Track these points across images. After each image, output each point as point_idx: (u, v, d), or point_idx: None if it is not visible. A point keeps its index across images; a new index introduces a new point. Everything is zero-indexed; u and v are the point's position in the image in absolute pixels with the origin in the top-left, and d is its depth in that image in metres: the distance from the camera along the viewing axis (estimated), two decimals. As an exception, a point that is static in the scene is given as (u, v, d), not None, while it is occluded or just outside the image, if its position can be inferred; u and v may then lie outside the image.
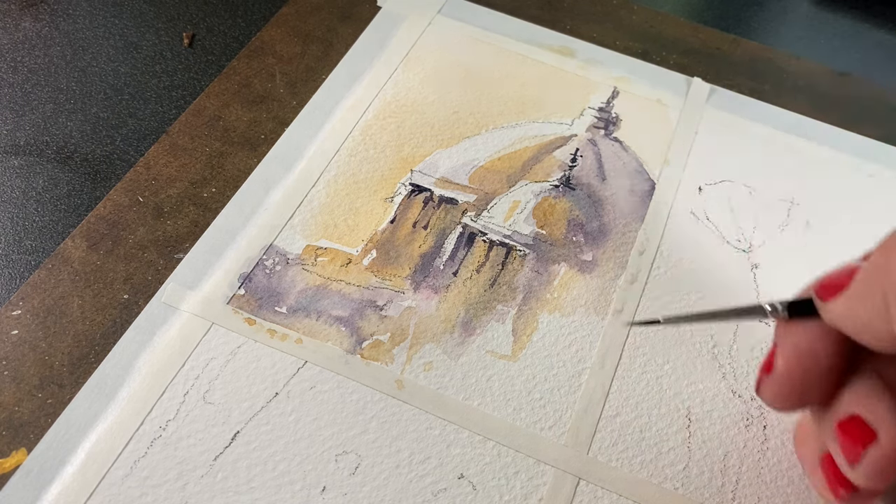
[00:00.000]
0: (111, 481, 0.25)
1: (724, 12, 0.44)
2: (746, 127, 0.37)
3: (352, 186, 0.33)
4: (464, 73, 0.38)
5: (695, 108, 0.38)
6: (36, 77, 0.37)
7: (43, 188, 0.33)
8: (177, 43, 0.39)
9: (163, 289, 0.29)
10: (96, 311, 0.29)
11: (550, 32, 0.40)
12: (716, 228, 0.33)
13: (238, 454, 0.26)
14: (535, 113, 0.37)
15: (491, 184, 0.34)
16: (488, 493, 0.26)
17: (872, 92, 0.40)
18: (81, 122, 0.35)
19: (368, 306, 0.30)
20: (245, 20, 0.40)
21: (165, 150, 0.34)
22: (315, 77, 0.37)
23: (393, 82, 0.37)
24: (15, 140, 0.34)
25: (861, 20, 0.45)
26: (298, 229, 0.32)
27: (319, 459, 0.26)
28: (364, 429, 0.27)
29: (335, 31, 0.39)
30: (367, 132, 0.35)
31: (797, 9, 0.45)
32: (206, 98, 0.36)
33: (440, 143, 0.35)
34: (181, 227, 0.31)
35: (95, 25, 0.39)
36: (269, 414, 0.27)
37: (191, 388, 0.27)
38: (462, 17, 0.40)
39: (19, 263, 0.31)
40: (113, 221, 0.31)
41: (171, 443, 0.26)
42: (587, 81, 0.38)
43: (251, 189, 0.33)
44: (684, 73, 0.39)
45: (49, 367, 0.27)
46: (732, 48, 0.41)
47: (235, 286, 0.30)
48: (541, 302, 0.30)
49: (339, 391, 0.27)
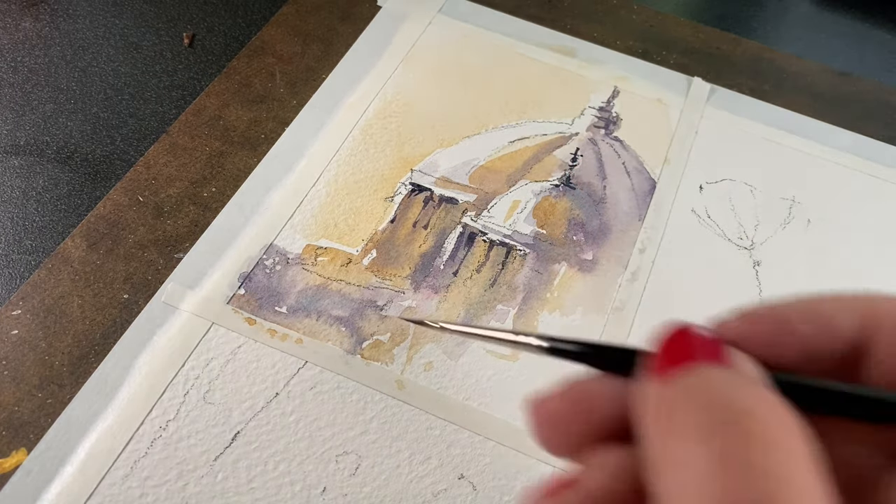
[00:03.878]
0: (111, 481, 0.25)
1: (724, 12, 0.44)
2: (747, 126, 0.37)
3: (352, 186, 0.33)
4: (464, 73, 0.38)
5: (695, 108, 0.37)
6: (36, 77, 0.37)
7: (43, 188, 0.33)
8: (177, 43, 0.39)
9: (163, 288, 0.29)
10: (96, 311, 0.29)
11: (551, 32, 0.40)
12: (717, 226, 0.33)
13: (238, 454, 0.26)
14: (536, 112, 0.37)
15: (491, 183, 0.34)
16: (488, 494, 0.26)
17: (873, 92, 0.40)
18: (81, 121, 0.35)
19: (369, 306, 0.30)
20: (245, 20, 0.40)
21: (165, 149, 0.34)
22: (315, 77, 0.37)
23: (393, 82, 0.37)
24: (15, 140, 0.34)
25: (861, 20, 0.45)
26: (298, 229, 0.32)
27: (320, 460, 0.26)
28: (364, 429, 0.27)
29: (335, 30, 0.39)
30: (368, 132, 0.35)
31: (798, 9, 0.45)
32: (207, 98, 0.36)
33: (440, 143, 0.35)
34: (181, 227, 0.31)
35: (96, 25, 0.39)
36: (270, 414, 0.27)
37: (191, 388, 0.27)
38: (462, 17, 0.40)
39: (19, 263, 0.30)
40: (113, 221, 0.31)
41: (172, 443, 0.26)
42: (587, 81, 0.38)
43: (251, 189, 0.33)
44: (685, 72, 0.39)
45: (49, 367, 0.27)
46: (733, 48, 0.41)
47: (235, 286, 0.30)
48: (541, 301, 0.30)
49: (340, 391, 0.27)
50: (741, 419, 0.11)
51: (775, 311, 0.14)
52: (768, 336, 0.13)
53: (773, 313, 0.14)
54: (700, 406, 0.11)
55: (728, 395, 0.11)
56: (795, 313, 0.14)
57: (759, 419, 0.11)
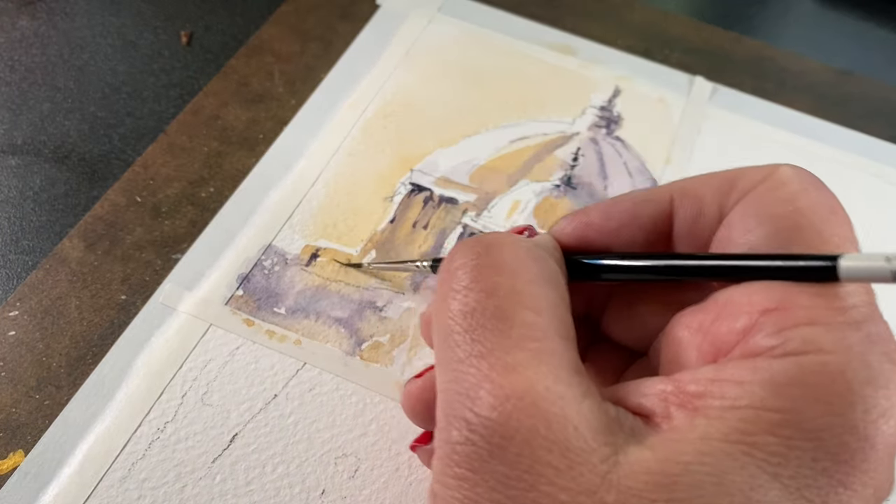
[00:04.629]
0: (109, 483, 0.25)
1: (726, 10, 0.44)
2: (749, 126, 0.37)
3: (351, 186, 0.33)
4: (464, 72, 0.38)
5: (697, 107, 0.37)
6: (33, 76, 0.36)
7: (40, 188, 0.33)
8: (175, 41, 0.39)
9: (161, 289, 0.29)
10: (94, 312, 0.29)
11: (551, 30, 0.40)
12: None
13: (236, 456, 0.26)
14: (536, 112, 0.36)
15: (491, 183, 0.34)
16: (489, 496, 0.25)
17: (876, 91, 0.40)
18: (79, 121, 0.35)
19: (368, 307, 0.29)
20: (244, 18, 0.40)
21: (163, 149, 0.34)
22: (314, 76, 0.37)
23: (393, 81, 0.37)
24: (12, 139, 0.34)
25: (864, 19, 0.45)
26: (297, 229, 0.31)
27: (318, 462, 0.26)
28: (364, 431, 0.26)
29: (334, 29, 0.39)
30: (367, 131, 0.35)
31: (800, 7, 0.45)
32: (205, 97, 0.36)
33: (440, 142, 0.35)
34: (179, 228, 0.31)
35: (93, 24, 0.39)
36: (268, 416, 0.27)
37: (189, 390, 0.27)
38: (462, 15, 0.40)
39: (16, 264, 0.30)
40: (110, 221, 0.31)
41: (170, 444, 0.26)
42: (588, 80, 0.38)
43: (250, 189, 0.33)
44: (687, 71, 0.39)
45: (46, 369, 0.27)
46: (735, 46, 0.41)
47: (234, 287, 0.30)
48: (542, 302, 0.30)
49: (339, 393, 0.27)
50: (492, 246, 0.18)
51: (657, 193, 0.19)
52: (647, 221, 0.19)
53: (655, 196, 0.19)
54: (474, 241, 0.18)
55: (492, 237, 0.18)
56: (672, 197, 0.19)
57: (503, 248, 0.18)
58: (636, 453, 0.14)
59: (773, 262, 0.16)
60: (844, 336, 0.14)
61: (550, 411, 0.15)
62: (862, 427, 0.14)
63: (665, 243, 0.20)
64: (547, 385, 0.15)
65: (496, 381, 0.15)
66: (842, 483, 0.14)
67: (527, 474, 0.14)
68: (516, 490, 0.14)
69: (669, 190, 0.19)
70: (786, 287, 0.15)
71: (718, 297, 0.17)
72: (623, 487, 0.14)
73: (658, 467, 0.14)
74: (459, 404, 0.15)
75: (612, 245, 0.20)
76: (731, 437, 0.14)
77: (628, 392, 0.16)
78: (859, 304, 0.15)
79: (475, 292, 0.17)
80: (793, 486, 0.14)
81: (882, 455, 0.14)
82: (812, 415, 0.14)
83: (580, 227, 0.20)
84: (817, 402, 0.14)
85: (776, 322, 0.15)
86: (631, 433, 0.15)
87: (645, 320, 0.20)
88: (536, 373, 0.15)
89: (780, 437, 0.14)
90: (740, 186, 0.18)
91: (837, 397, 0.14)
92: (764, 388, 0.14)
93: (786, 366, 0.14)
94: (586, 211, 0.20)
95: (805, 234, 0.16)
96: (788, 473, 0.14)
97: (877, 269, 0.15)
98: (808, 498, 0.14)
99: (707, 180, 0.19)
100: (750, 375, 0.14)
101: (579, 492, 0.14)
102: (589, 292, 0.22)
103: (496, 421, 0.15)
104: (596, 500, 0.14)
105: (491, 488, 0.14)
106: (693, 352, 0.17)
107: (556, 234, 0.20)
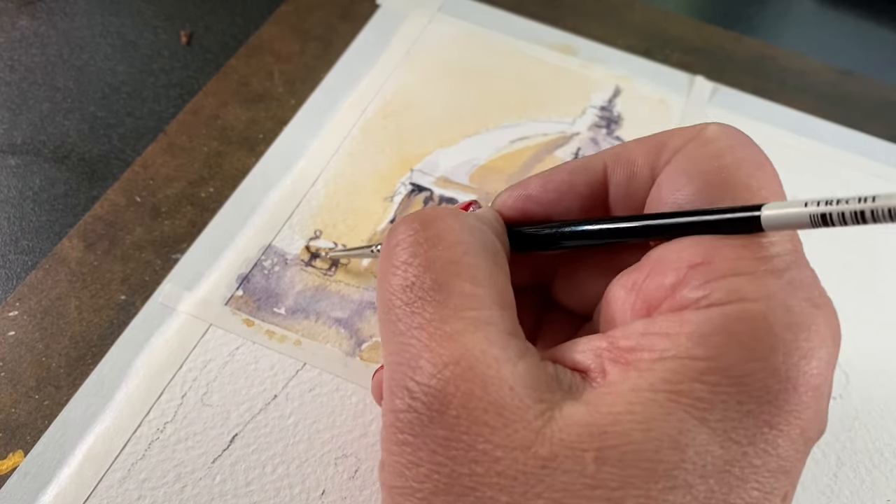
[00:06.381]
0: (108, 483, 0.25)
1: (727, 10, 0.44)
2: (749, 125, 0.37)
3: (351, 186, 0.33)
4: (464, 72, 0.38)
5: (697, 107, 0.37)
6: (33, 76, 0.36)
7: (39, 188, 0.32)
8: (174, 41, 0.39)
9: (160, 289, 0.29)
10: (93, 312, 0.29)
11: (552, 30, 0.40)
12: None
13: (236, 457, 0.26)
14: (537, 111, 0.36)
15: (492, 183, 0.34)
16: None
17: (877, 90, 0.39)
18: (78, 121, 0.35)
19: (368, 307, 0.29)
20: (243, 18, 0.40)
21: (163, 149, 0.34)
22: (314, 76, 0.37)
23: (393, 81, 0.37)
24: (11, 139, 0.34)
25: (865, 18, 0.45)
26: (297, 229, 0.31)
27: (318, 462, 0.26)
28: (364, 432, 0.26)
29: (334, 29, 0.39)
30: (367, 131, 0.35)
31: (800, 6, 0.45)
32: (204, 97, 0.36)
33: (440, 142, 0.35)
34: (179, 228, 0.31)
35: (93, 24, 0.39)
36: (268, 416, 0.26)
37: (189, 390, 0.27)
38: (462, 15, 0.40)
39: (16, 264, 0.30)
40: (110, 221, 0.31)
41: (169, 445, 0.26)
42: (589, 80, 0.38)
43: (249, 189, 0.33)
44: (687, 71, 0.39)
45: (46, 369, 0.27)
46: (735, 46, 0.41)
47: (234, 287, 0.29)
48: (542, 303, 0.30)
49: (339, 393, 0.27)
50: (429, 221, 0.18)
51: (590, 162, 0.20)
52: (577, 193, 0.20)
53: (587, 164, 0.20)
54: (412, 217, 0.18)
55: (430, 212, 0.18)
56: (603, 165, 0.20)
57: (439, 222, 0.18)
58: (571, 408, 0.15)
59: (701, 218, 0.16)
60: (766, 284, 0.15)
61: (486, 374, 0.15)
62: (784, 369, 0.14)
63: (602, 209, 0.20)
64: (482, 349, 0.16)
65: (435, 349, 0.16)
66: (767, 423, 0.14)
67: (465, 435, 0.15)
68: (455, 451, 0.15)
69: (603, 157, 0.20)
70: (713, 241, 0.16)
71: (651, 255, 0.17)
72: (556, 440, 0.14)
73: (590, 419, 0.15)
74: (401, 374, 0.16)
75: (553, 215, 0.20)
76: (658, 387, 0.14)
77: (566, 351, 0.17)
78: (782, 253, 0.16)
79: (413, 266, 0.17)
80: (720, 429, 0.14)
81: (805, 395, 0.14)
82: (736, 361, 0.14)
83: (520, 199, 0.20)
84: (740, 349, 0.14)
85: (702, 275, 0.15)
86: (569, 390, 0.16)
87: (588, 285, 0.21)
88: (473, 339, 0.16)
89: (706, 383, 0.14)
90: (670, 146, 0.18)
91: (759, 343, 0.14)
92: (690, 338, 0.15)
93: (710, 315, 0.15)
94: (525, 183, 0.21)
95: (733, 189, 0.17)
96: (715, 417, 0.14)
97: (797, 214, 0.15)
98: (735, 439, 0.14)
99: (638, 144, 0.19)
100: (677, 328, 0.15)
101: (514, 447, 0.14)
102: (536, 262, 0.22)
103: (435, 387, 0.15)
104: (530, 455, 0.14)
105: (432, 451, 0.15)
106: (627, 310, 0.17)
107: (498, 207, 0.21)
